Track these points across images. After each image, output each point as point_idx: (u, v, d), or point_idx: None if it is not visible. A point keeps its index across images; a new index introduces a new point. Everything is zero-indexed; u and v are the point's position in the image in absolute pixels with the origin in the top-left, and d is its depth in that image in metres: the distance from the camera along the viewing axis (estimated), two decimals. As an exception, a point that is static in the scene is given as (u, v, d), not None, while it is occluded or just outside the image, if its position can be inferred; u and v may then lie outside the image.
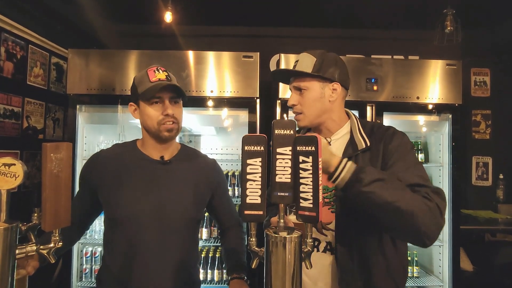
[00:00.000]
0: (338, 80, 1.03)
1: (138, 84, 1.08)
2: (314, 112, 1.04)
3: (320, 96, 1.03)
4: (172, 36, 2.75)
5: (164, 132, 1.06)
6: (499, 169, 2.94)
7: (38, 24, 2.32)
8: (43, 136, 2.39)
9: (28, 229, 0.76)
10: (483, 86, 3.04)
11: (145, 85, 1.05)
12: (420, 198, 0.84)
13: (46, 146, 0.70)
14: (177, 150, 1.18)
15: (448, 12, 2.29)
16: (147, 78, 1.06)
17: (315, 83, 1.03)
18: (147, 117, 1.07)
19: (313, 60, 1.02)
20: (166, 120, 1.06)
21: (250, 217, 0.67)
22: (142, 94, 1.05)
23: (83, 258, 2.19)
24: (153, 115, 1.06)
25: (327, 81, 1.03)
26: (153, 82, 1.05)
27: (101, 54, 2.15)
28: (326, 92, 1.03)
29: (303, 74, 1.02)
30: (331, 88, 1.04)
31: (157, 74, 1.06)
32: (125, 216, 1.04)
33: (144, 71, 1.09)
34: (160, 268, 1.05)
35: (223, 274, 2.24)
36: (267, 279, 0.64)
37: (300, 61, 1.04)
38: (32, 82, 2.27)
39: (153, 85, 1.04)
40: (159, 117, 1.05)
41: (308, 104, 1.03)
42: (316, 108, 1.04)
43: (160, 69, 1.09)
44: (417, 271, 2.34)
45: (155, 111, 1.06)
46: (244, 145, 0.67)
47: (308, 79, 1.03)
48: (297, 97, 1.05)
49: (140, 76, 1.09)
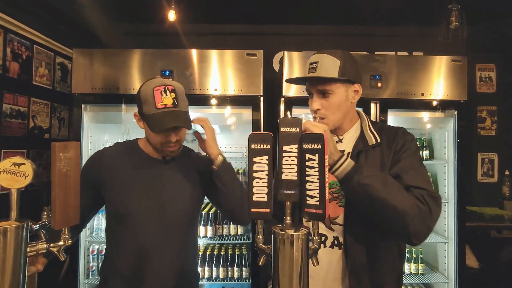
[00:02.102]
0: (358, 81, 1.03)
1: (144, 102, 1.03)
2: (339, 116, 1.02)
3: (345, 99, 1.02)
4: (175, 35, 2.75)
5: (166, 153, 1.10)
6: (505, 166, 2.91)
7: (42, 25, 2.33)
8: (49, 135, 2.42)
9: (39, 228, 0.77)
10: (488, 82, 3.01)
11: (150, 109, 1.00)
12: (413, 199, 0.87)
13: (55, 146, 0.71)
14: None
15: (453, 8, 2.26)
16: (153, 100, 0.99)
17: (340, 86, 1.00)
18: (151, 137, 1.08)
19: (337, 63, 0.98)
20: (169, 145, 1.06)
21: (257, 215, 0.67)
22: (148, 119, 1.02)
23: (90, 256, 2.22)
24: (156, 138, 1.05)
25: (350, 83, 1.02)
26: (159, 109, 0.98)
27: (105, 54, 2.16)
28: (350, 94, 1.02)
29: (330, 79, 0.99)
30: (353, 89, 1.03)
31: (164, 99, 0.98)
32: (128, 213, 1.08)
33: (151, 88, 1.01)
34: (162, 262, 1.08)
35: (227, 272, 2.25)
36: (275, 277, 0.64)
37: (321, 63, 0.99)
38: (37, 82, 2.29)
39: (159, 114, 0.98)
40: (162, 140, 1.05)
41: (334, 108, 1.00)
42: (341, 111, 1.02)
43: (168, 89, 1.00)
44: (422, 268, 2.34)
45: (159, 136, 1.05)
46: (251, 143, 0.67)
47: (334, 83, 0.99)
48: (320, 101, 1.01)
49: (145, 94, 1.02)
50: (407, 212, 0.83)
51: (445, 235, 2.37)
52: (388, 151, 1.00)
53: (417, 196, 0.88)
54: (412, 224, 0.84)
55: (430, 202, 0.87)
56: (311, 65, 1.01)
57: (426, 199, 0.87)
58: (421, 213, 0.85)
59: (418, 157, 0.99)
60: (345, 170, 0.87)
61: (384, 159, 0.99)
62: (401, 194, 0.86)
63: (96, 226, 2.29)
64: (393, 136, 1.02)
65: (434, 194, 0.90)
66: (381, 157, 1.00)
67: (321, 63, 0.99)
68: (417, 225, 0.84)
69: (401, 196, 0.86)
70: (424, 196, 0.88)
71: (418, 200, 0.87)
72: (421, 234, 0.86)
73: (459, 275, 2.25)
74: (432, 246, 2.50)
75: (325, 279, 1.03)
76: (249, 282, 2.22)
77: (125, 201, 1.08)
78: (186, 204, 1.14)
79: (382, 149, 1.01)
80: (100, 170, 1.12)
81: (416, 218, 0.84)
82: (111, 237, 1.14)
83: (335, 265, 1.02)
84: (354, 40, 2.94)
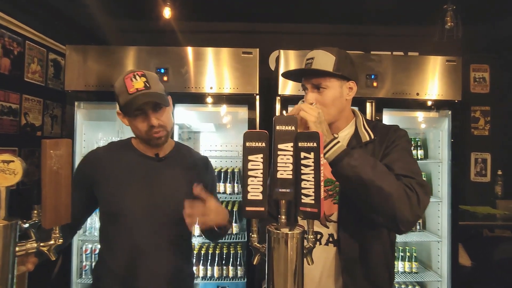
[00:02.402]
0: (353, 79, 1.04)
1: (119, 95, 1.04)
2: (333, 112, 1.03)
3: (339, 95, 1.03)
4: (171, 32, 2.73)
5: (153, 141, 1.07)
6: (498, 165, 2.95)
7: (35, 20, 2.30)
8: (41, 133, 2.38)
9: (29, 227, 0.75)
10: (482, 82, 3.04)
11: (124, 97, 1.01)
12: (402, 185, 0.87)
13: (46, 143, 0.69)
14: (171, 147, 1.20)
15: (449, 8, 2.28)
16: (125, 88, 1.01)
17: (335, 82, 1.02)
18: (134, 128, 1.07)
19: (333, 59, 1.00)
20: (153, 132, 1.04)
21: (251, 214, 0.66)
22: (123, 108, 1.03)
23: (83, 255, 2.19)
24: (139, 126, 1.05)
25: (344, 79, 1.03)
26: (131, 94, 0.99)
27: (99, 50, 2.14)
28: (344, 91, 1.04)
29: (324, 73, 1.01)
30: (348, 86, 1.04)
31: (135, 83, 0.99)
32: (121, 211, 1.07)
33: (122, 78, 1.03)
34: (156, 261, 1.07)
35: (222, 271, 2.25)
36: (269, 276, 0.64)
37: (316, 58, 1.01)
38: (29, 78, 2.26)
39: (131, 98, 0.99)
40: (145, 127, 1.04)
41: (328, 103, 1.02)
42: (335, 107, 1.03)
43: (138, 74, 1.02)
44: (415, 266, 2.36)
45: (140, 122, 1.04)
46: (246, 141, 0.66)
47: (328, 78, 1.01)
48: (315, 96, 1.02)
49: (118, 85, 1.04)
50: (393, 195, 0.84)
51: (438, 233, 2.39)
52: (380, 147, 1.02)
53: (406, 183, 0.88)
54: (399, 208, 0.84)
55: (419, 189, 0.88)
56: (308, 61, 1.04)
57: (414, 186, 0.88)
58: (409, 198, 0.85)
59: (408, 150, 1.01)
60: (336, 152, 0.88)
61: (376, 154, 1.01)
62: (390, 178, 0.87)
63: (90, 225, 2.27)
64: (385, 133, 1.04)
65: (422, 182, 0.91)
66: (372, 153, 1.01)
67: (317, 58, 1.02)
68: (404, 210, 0.84)
69: (390, 180, 0.87)
70: (413, 184, 0.88)
71: (407, 187, 0.87)
72: (408, 220, 0.85)
73: (452, 274, 2.27)
74: (425, 244, 2.52)
75: (321, 275, 1.04)
76: (244, 281, 2.22)
77: (118, 200, 1.07)
78: (180, 202, 1.12)
79: (374, 146, 1.03)
80: (94, 170, 1.11)
81: (403, 203, 0.85)
82: (105, 236, 1.13)
83: (330, 262, 1.03)
84: (351, 39, 2.94)
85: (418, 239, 2.38)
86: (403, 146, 1.00)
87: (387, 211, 0.86)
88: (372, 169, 0.86)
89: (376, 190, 0.84)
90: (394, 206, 0.84)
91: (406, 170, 0.92)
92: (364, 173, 0.85)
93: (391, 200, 0.84)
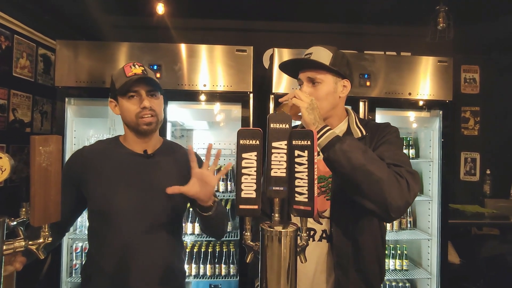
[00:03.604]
0: (348, 77, 1.06)
1: (116, 80, 1.09)
2: (326, 106, 1.04)
3: (333, 91, 1.04)
4: (164, 29, 2.70)
5: (142, 125, 1.07)
6: (486, 165, 3.01)
7: (24, 14, 2.24)
8: (30, 129, 2.33)
9: (17, 224, 0.74)
10: (472, 83, 3.09)
11: (121, 80, 1.06)
12: (392, 172, 0.88)
13: (35, 139, 0.68)
14: (160, 144, 1.19)
15: (441, 9, 2.30)
16: (124, 73, 1.07)
17: (329, 77, 1.03)
18: (126, 111, 1.08)
19: (330, 55, 1.03)
20: (144, 113, 1.06)
21: (245, 212, 0.66)
22: (119, 89, 1.06)
23: (73, 254, 2.16)
24: (131, 108, 1.06)
25: (340, 76, 1.05)
26: (129, 77, 1.05)
27: (91, 46, 2.10)
28: (338, 88, 1.05)
29: (320, 66, 1.02)
30: (342, 84, 1.06)
31: (133, 69, 1.07)
32: (111, 210, 1.05)
33: (121, 67, 1.10)
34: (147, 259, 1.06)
35: (215, 269, 2.24)
36: (262, 274, 0.64)
37: (314, 53, 1.04)
38: (18, 73, 2.20)
39: (128, 79, 1.05)
40: (137, 110, 1.06)
41: (321, 97, 1.03)
42: (328, 102, 1.04)
43: (137, 64, 1.09)
44: (406, 264, 2.39)
45: (132, 104, 1.07)
46: (239, 139, 0.66)
47: (323, 72, 1.03)
48: (309, 89, 1.04)
49: (117, 72, 1.10)
50: (384, 180, 0.85)
51: (428, 232, 2.42)
52: (370, 142, 1.04)
53: (397, 171, 0.90)
54: (389, 193, 0.84)
55: (408, 177, 0.89)
56: (306, 55, 1.06)
57: (404, 174, 0.89)
58: (399, 184, 0.86)
59: (397, 144, 1.02)
60: (328, 138, 0.90)
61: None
62: (381, 164, 0.88)
63: (80, 223, 2.24)
64: (376, 129, 1.06)
65: (412, 170, 0.92)
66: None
67: (315, 53, 1.04)
68: (395, 195, 0.85)
69: (380, 165, 0.88)
70: (402, 172, 0.89)
71: (397, 173, 0.89)
72: (398, 205, 0.85)
73: (442, 271, 2.31)
74: (416, 242, 2.56)
75: (315, 272, 1.05)
76: (237, 279, 2.22)
77: (108, 198, 1.06)
78: (170, 199, 1.11)
79: (365, 142, 1.04)
80: (81, 168, 1.09)
81: (394, 187, 0.85)
82: (94, 235, 1.11)
83: (324, 258, 1.04)
84: (345, 38, 2.96)
85: (408, 237, 2.42)
86: (393, 140, 1.02)
87: (377, 196, 0.85)
88: (363, 154, 0.87)
89: (367, 174, 0.85)
90: (384, 190, 0.84)
91: (396, 160, 0.93)
92: (355, 158, 0.86)
93: (381, 184, 0.84)
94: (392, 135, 1.03)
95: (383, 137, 1.03)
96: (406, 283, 2.42)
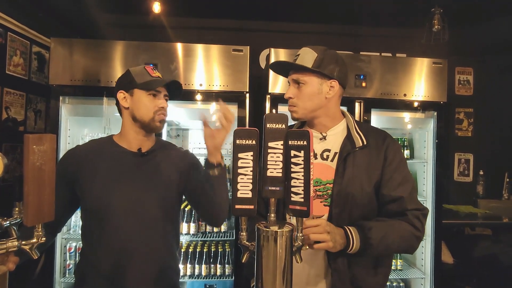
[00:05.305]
0: (336, 78, 1.05)
1: (136, 75, 1.13)
2: (310, 107, 1.05)
3: (317, 92, 1.04)
4: (160, 28, 2.68)
5: (157, 122, 1.12)
6: (480, 166, 3.04)
7: (18, 11, 2.21)
8: (23, 128, 2.31)
9: (10, 224, 0.73)
10: (466, 84, 3.13)
11: (146, 77, 1.12)
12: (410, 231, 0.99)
13: (29, 138, 0.67)
14: (153, 142, 1.20)
15: (436, 11, 2.32)
16: (146, 72, 1.14)
17: (313, 79, 1.04)
18: (143, 106, 1.11)
19: (314, 56, 1.03)
20: (161, 112, 1.12)
21: (241, 212, 0.66)
22: (143, 84, 1.11)
23: (67, 254, 2.14)
24: (150, 104, 1.11)
25: (325, 77, 1.04)
26: (154, 77, 1.13)
27: (86, 44, 2.08)
28: (324, 89, 1.05)
29: (303, 69, 1.03)
30: (329, 85, 1.05)
31: (155, 73, 1.16)
32: (105, 208, 1.05)
33: (142, 66, 1.17)
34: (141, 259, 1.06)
35: (210, 269, 2.24)
36: (258, 274, 0.64)
37: (301, 55, 1.05)
38: (11, 71, 2.18)
39: (154, 79, 1.13)
40: (155, 107, 1.12)
41: (305, 98, 1.04)
42: (312, 103, 1.05)
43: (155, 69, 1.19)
44: (400, 264, 2.41)
45: (151, 101, 1.12)
46: (236, 139, 0.66)
47: (307, 74, 1.03)
48: (294, 91, 1.06)
49: (138, 69, 1.15)
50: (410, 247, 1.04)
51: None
52: (377, 152, 1.04)
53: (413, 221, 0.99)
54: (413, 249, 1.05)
55: (424, 221, 1.01)
56: (294, 57, 1.07)
57: (421, 220, 1.01)
58: (418, 239, 1.01)
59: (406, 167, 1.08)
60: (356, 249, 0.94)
61: (372, 160, 1.03)
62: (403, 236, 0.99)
63: (74, 223, 2.22)
64: (382, 139, 1.07)
65: (424, 211, 1.03)
66: (369, 158, 1.04)
67: (302, 55, 1.05)
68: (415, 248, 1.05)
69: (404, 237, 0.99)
70: (420, 217, 1.00)
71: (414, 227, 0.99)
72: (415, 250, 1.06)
73: (435, 270, 2.33)
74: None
75: (308, 275, 1.04)
76: (232, 279, 2.22)
77: (102, 197, 1.06)
78: (164, 198, 1.13)
79: (370, 151, 1.04)
80: (75, 167, 1.08)
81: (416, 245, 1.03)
82: (88, 234, 1.10)
83: (318, 262, 1.03)
84: (341, 39, 2.97)
85: (403, 237, 2.43)
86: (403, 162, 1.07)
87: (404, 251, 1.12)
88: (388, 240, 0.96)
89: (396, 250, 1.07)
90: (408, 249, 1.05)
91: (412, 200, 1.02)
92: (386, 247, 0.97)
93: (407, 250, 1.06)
94: (400, 153, 1.07)
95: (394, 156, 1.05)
96: (400, 283, 2.44)
